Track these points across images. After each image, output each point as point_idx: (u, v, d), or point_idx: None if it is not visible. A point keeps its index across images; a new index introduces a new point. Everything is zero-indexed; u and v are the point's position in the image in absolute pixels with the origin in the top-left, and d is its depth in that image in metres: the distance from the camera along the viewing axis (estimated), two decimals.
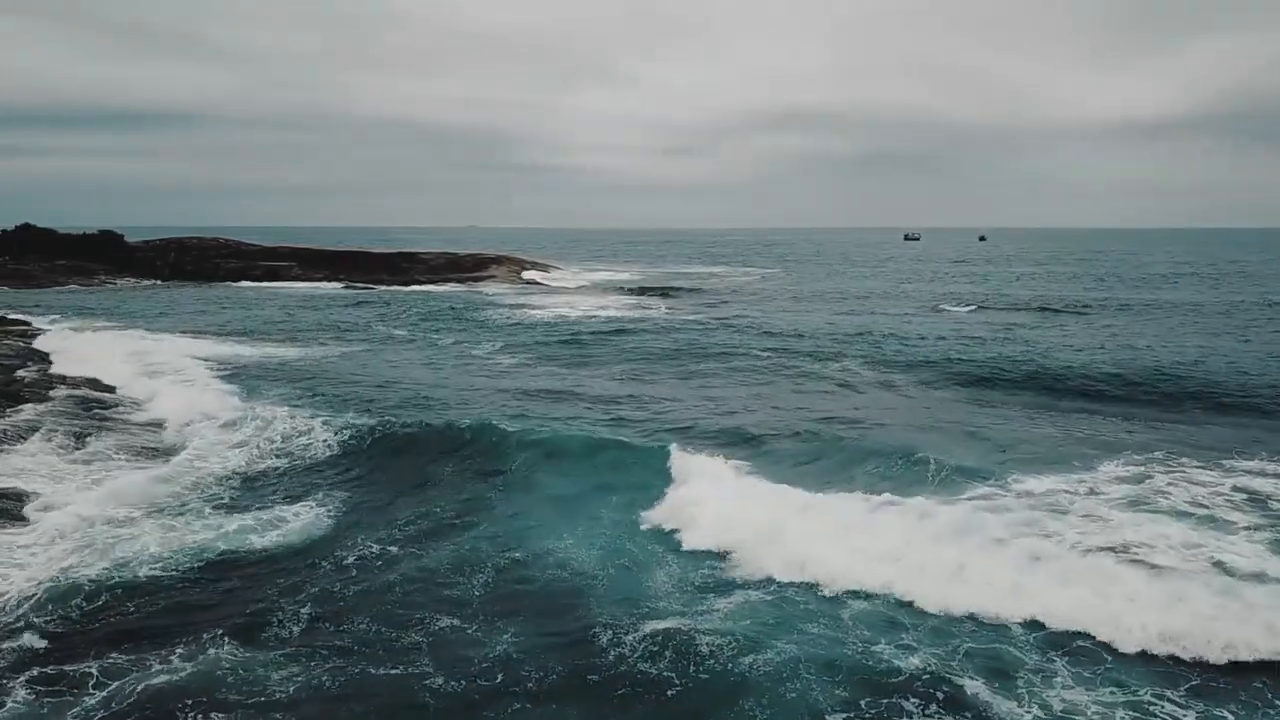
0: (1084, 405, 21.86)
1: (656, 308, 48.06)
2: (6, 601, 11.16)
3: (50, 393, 22.09)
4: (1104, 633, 10.02)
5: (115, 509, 14.24)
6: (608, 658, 9.98)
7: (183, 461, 17.06)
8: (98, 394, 22.81)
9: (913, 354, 29.89)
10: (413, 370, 27.76)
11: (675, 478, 15.16)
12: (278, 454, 17.83)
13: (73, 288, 58.32)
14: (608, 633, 10.48)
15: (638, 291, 58.94)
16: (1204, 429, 19.27)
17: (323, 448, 18.05)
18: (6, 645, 10.15)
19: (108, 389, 23.51)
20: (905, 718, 8.77)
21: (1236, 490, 14.07)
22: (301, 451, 17.92)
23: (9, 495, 14.65)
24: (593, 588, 11.83)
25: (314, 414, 19.99)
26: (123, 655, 9.95)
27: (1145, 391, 23.16)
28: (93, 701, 9.04)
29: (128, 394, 22.91)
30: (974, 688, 9.17)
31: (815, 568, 11.81)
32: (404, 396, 22.84)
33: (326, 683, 9.44)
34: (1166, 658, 9.67)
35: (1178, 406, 21.67)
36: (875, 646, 10.03)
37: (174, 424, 19.92)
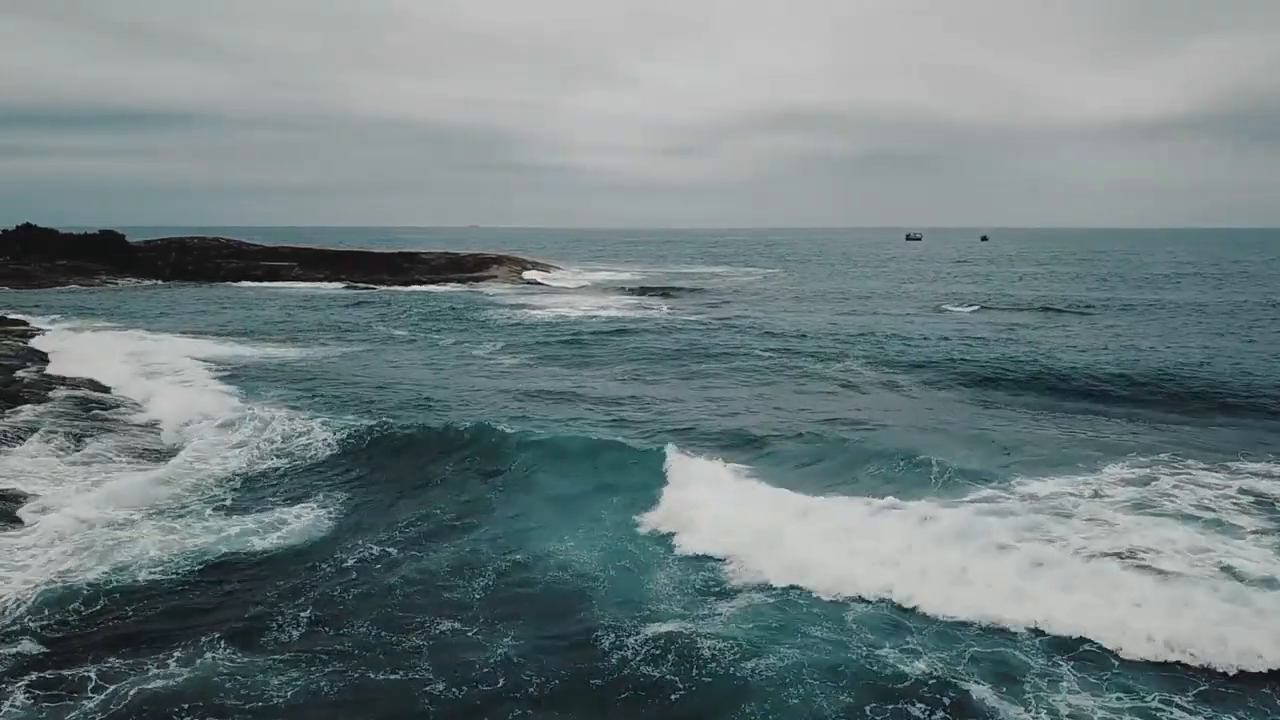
0: (1088, 406, 21.75)
1: (658, 308, 47.96)
2: (5, 604, 11.09)
3: (49, 393, 22.02)
4: (1110, 639, 9.90)
5: (114, 511, 14.18)
6: (610, 661, 9.91)
7: (182, 463, 16.99)
8: (97, 395, 22.74)
9: (915, 354, 29.78)
10: (413, 371, 27.69)
11: (673, 480, 15.08)
12: (278, 454, 17.77)
13: (73, 288, 58.29)
14: (609, 636, 10.41)
15: (639, 291, 58.84)
16: (1209, 430, 19.15)
17: (323, 448, 17.98)
18: (5, 648, 10.09)
19: (107, 390, 23.44)
20: None
21: (1243, 493, 13.94)
22: (301, 452, 17.85)
23: (8, 497, 14.57)
24: (593, 590, 11.76)
25: (314, 415, 19.92)
26: (121, 659, 9.87)
27: (1149, 392, 23.05)
28: (91, 705, 8.99)
29: (127, 395, 22.84)
30: (980, 692, 9.09)
31: (817, 571, 11.71)
32: (404, 397, 22.77)
33: (325, 688, 9.36)
34: (1174, 664, 9.57)
35: (1182, 407, 21.55)
36: (879, 651, 9.94)
37: (174, 425, 19.85)
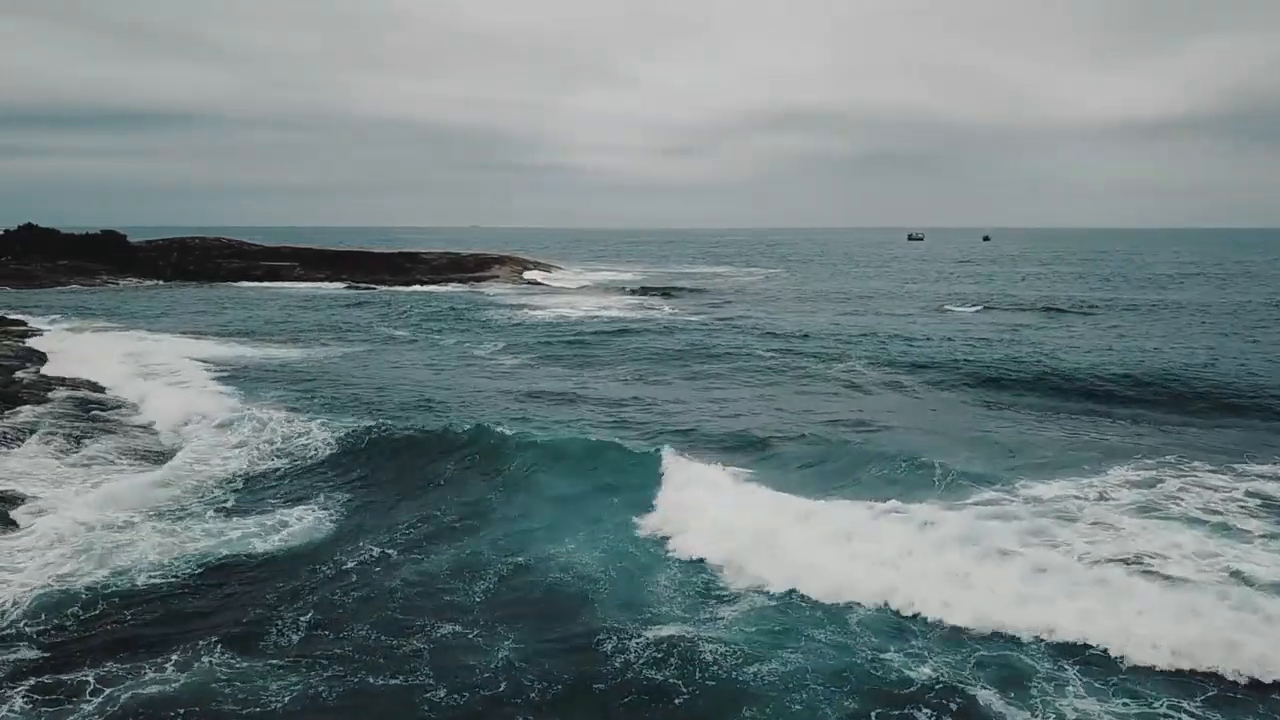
0: (1092, 407, 21.64)
1: (659, 308, 47.84)
2: (3, 607, 11.01)
3: (48, 394, 21.94)
4: (1116, 646, 9.76)
5: (114, 513, 14.09)
6: (613, 665, 9.83)
7: (182, 465, 16.90)
8: (96, 395, 22.67)
9: (918, 355, 29.67)
10: (414, 371, 27.61)
11: (670, 484, 14.95)
12: (278, 455, 17.70)
13: (74, 288, 58.26)
14: (611, 639, 10.33)
15: (640, 292, 58.72)
16: (1214, 432, 19.03)
17: (323, 449, 17.89)
18: (3, 652, 10.01)
19: (106, 391, 23.36)
20: None
21: (1250, 495, 13.82)
22: (301, 453, 17.77)
23: (6, 498, 14.49)
24: (594, 593, 11.68)
25: (314, 416, 19.83)
26: (119, 664, 9.79)
27: (1154, 393, 22.92)
28: (89, 708, 8.94)
29: (126, 396, 22.73)
30: (987, 697, 9.01)
31: (818, 575, 11.60)
32: (405, 398, 22.69)
33: (324, 693, 9.27)
34: (1182, 671, 9.43)
35: (1187, 409, 21.42)
36: (883, 655, 9.86)
37: (174, 427, 19.77)
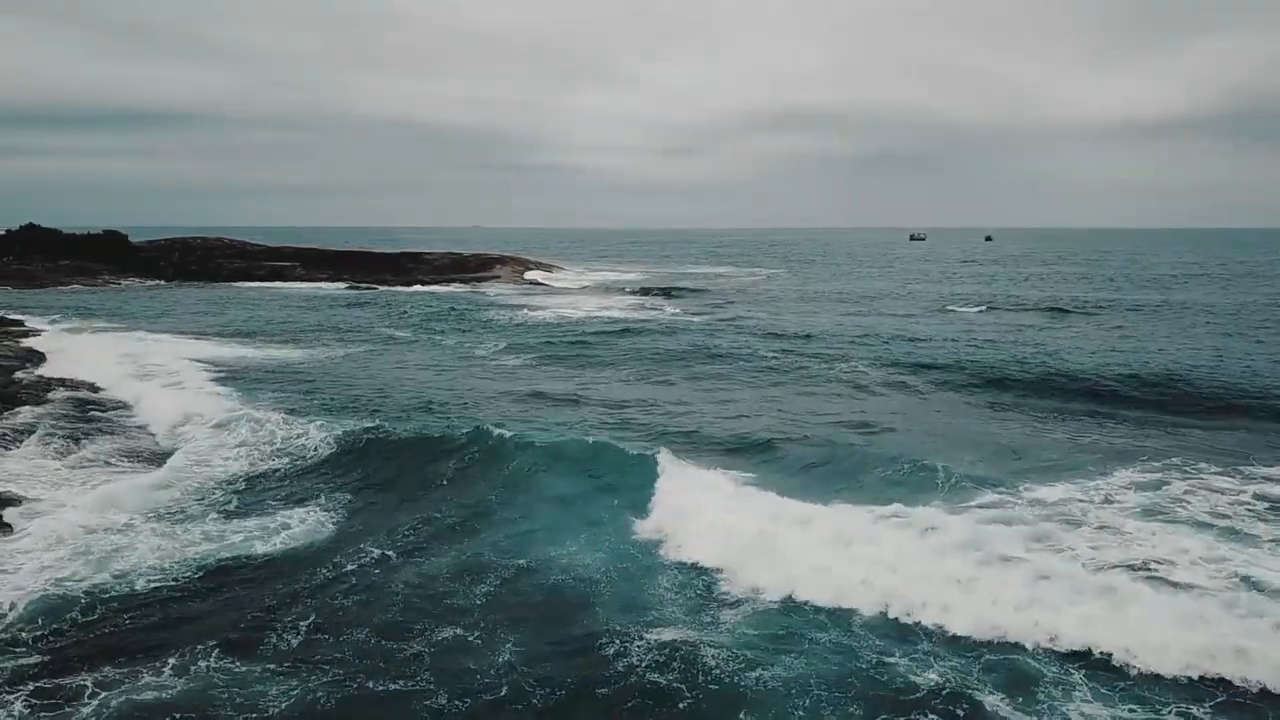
0: (1097, 408, 21.53)
1: (661, 308, 47.74)
2: (1, 610, 10.91)
3: (47, 395, 21.87)
4: (1123, 653, 9.65)
5: (113, 515, 14.01)
6: (615, 668, 9.75)
7: (181, 466, 16.81)
8: (95, 396, 22.58)
9: (921, 355, 29.54)
10: (415, 372, 27.52)
11: (667, 487, 14.82)
12: (278, 456, 17.61)
13: (76, 288, 58.21)
14: (613, 643, 10.26)
15: (641, 292, 58.61)
16: (1220, 433, 18.90)
17: (324, 450, 17.80)
18: (0, 656, 9.91)
19: (105, 392, 23.26)
20: None
21: (1258, 498, 13.70)
22: (302, 455, 17.67)
23: (5, 500, 14.40)
24: (595, 596, 11.59)
25: (314, 417, 19.72)
26: (117, 668, 9.71)
27: (1159, 394, 22.80)
28: (86, 711, 8.87)
29: (125, 397, 22.62)
30: (993, 703, 8.91)
31: (819, 579, 11.50)
32: (406, 398, 22.60)
33: (323, 698, 9.17)
34: (1191, 678, 9.32)
35: (1192, 410, 21.30)
36: (888, 660, 9.76)
37: (173, 428, 19.68)
